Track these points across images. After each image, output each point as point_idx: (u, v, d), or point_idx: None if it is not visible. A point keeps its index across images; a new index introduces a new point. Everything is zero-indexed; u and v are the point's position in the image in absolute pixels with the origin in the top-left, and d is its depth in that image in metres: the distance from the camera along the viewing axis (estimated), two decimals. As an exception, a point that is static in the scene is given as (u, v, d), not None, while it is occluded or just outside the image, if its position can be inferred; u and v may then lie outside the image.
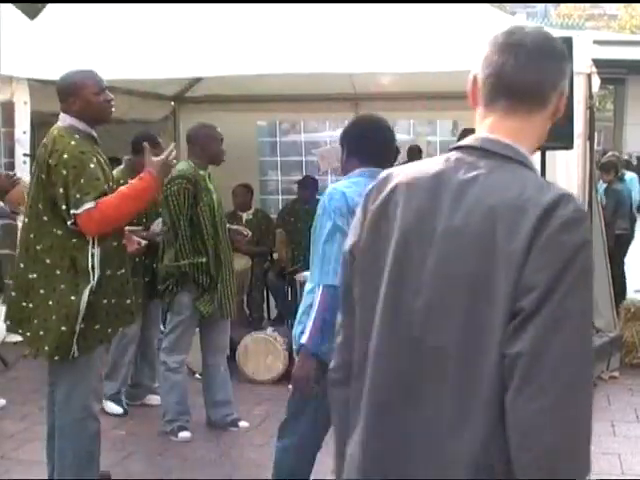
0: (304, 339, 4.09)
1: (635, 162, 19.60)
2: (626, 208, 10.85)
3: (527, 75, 2.17)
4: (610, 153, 13.91)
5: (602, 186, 11.65)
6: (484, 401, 1.96)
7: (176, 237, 6.48)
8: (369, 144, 4.41)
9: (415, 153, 11.81)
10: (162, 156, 5.03)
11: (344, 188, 4.24)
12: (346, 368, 2.33)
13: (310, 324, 4.07)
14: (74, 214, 4.63)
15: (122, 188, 4.99)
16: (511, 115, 2.21)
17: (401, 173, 2.27)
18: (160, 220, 6.81)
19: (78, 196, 4.63)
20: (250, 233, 7.35)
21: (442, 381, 2.03)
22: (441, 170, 2.17)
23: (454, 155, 2.21)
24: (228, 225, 7.19)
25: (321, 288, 4.07)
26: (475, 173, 2.11)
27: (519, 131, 2.20)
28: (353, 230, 2.37)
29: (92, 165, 4.72)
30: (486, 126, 2.24)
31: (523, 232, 1.94)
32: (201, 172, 6.57)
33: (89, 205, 4.63)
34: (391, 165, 4.46)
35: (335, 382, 2.43)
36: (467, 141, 2.23)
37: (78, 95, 4.85)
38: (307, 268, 8.88)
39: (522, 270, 1.92)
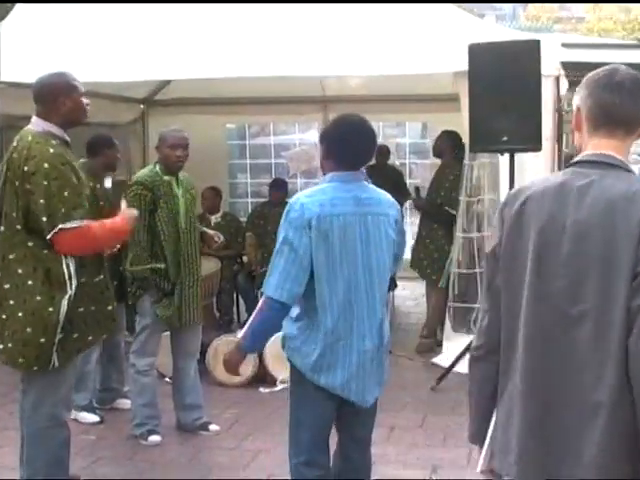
0: (240, 334, 4.35)
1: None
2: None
3: (627, 109, 2.85)
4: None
5: None
6: (615, 347, 2.61)
7: (133, 242, 6.47)
8: (347, 146, 4.34)
9: (384, 152, 11.83)
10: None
11: (305, 198, 4.20)
12: (488, 346, 3.00)
13: (248, 325, 4.28)
14: (61, 228, 4.53)
15: (106, 221, 4.97)
16: (611, 137, 2.87)
17: (530, 187, 2.96)
18: None
19: (64, 210, 4.54)
20: (222, 238, 7.31)
21: (584, 338, 2.68)
22: (563, 180, 2.86)
23: (570, 170, 2.91)
24: (204, 229, 7.17)
25: (264, 297, 4.18)
26: (590, 179, 2.78)
27: (617, 148, 2.86)
28: (496, 232, 3.03)
29: (74, 179, 4.64)
30: (592, 146, 2.90)
31: (636, 217, 2.63)
32: (166, 177, 6.54)
33: (77, 223, 4.56)
34: (362, 166, 4.49)
35: (477, 358, 3.09)
36: (579, 158, 2.92)
37: (67, 98, 4.76)
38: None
39: (638, 245, 2.62)
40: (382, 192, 4.55)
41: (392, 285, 9.38)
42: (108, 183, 7.12)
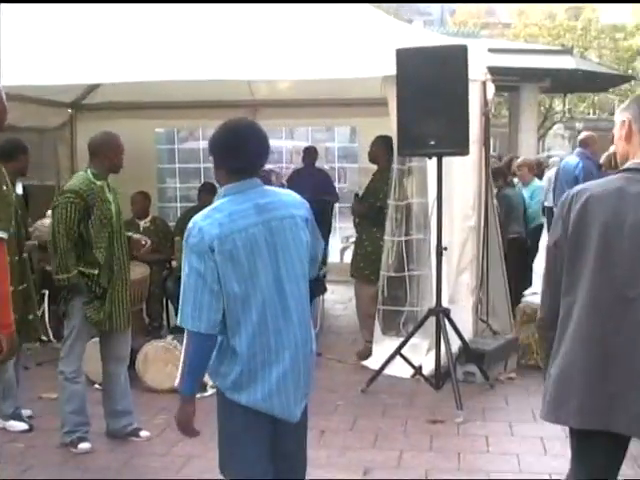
0: (177, 383, 4.05)
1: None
2: (518, 212, 11.04)
3: None
4: (522, 158, 14.19)
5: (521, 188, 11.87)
6: None
7: (56, 249, 6.40)
8: (237, 153, 4.12)
9: (311, 153, 11.89)
10: None
11: (202, 221, 3.97)
12: (551, 317, 3.74)
13: (180, 367, 4.01)
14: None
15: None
16: None
17: (588, 189, 3.63)
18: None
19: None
20: (149, 242, 7.26)
21: (636, 318, 3.45)
22: (620, 185, 3.55)
23: (623, 175, 3.61)
24: (130, 233, 7.12)
25: (186, 332, 3.96)
26: None
27: None
28: (555, 229, 3.71)
29: (4, 187, 4.52)
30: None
31: None
32: (98, 183, 6.48)
33: (2, 235, 4.32)
34: (257, 171, 4.22)
35: (544, 328, 3.88)
36: (631, 165, 3.60)
37: None
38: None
39: None
40: (285, 192, 4.39)
41: (322, 289, 9.40)
42: (19, 189, 7.04)
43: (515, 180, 12.41)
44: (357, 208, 9.62)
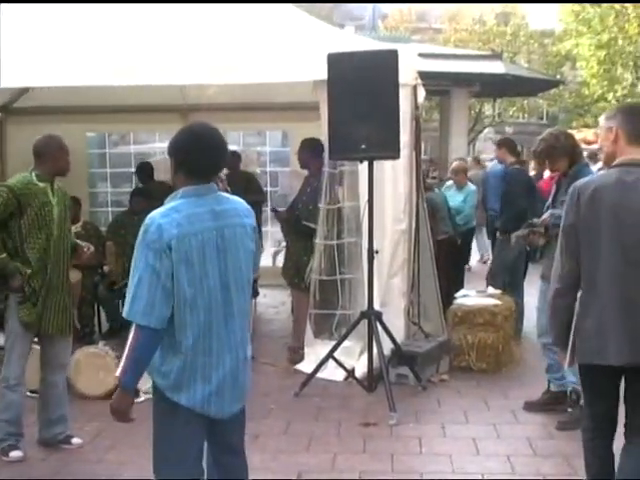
0: (119, 372, 4.08)
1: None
2: (443, 213, 11.12)
3: None
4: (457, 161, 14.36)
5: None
6: None
7: None
8: (197, 157, 4.19)
9: (235, 159, 11.90)
10: None
11: (161, 219, 4.02)
12: (568, 286, 4.72)
13: (124, 359, 4.04)
14: None
15: None
16: (638, 148, 4.65)
17: (593, 181, 4.72)
18: None
19: None
20: (92, 248, 7.16)
21: None
22: (618, 176, 4.59)
23: (616, 169, 4.64)
24: (77, 240, 7.04)
25: (134, 327, 4.00)
26: (637, 176, 4.55)
27: None
28: (571, 212, 4.66)
29: None
30: (629, 153, 4.64)
31: None
32: (41, 185, 6.43)
33: None
34: (215, 176, 4.44)
35: (561, 294, 4.77)
36: (622, 161, 4.63)
37: None
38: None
39: None
40: (238, 201, 4.47)
41: (254, 293, 9.39)
42: None
43: (449, 183, 12.52)
44: (278, 217, 9.69)
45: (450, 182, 13.19)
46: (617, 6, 31.60)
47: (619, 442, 4.93)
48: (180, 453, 4.21)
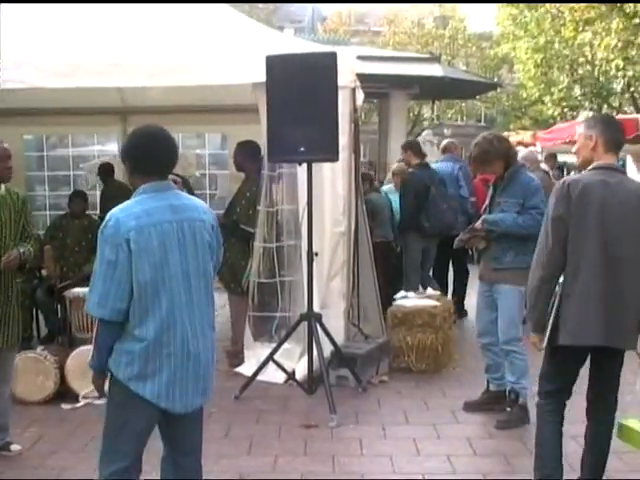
0: (89, 358, 4.33)
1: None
2: (383, 216, 11.21)
3: (622, 138, 5.48)
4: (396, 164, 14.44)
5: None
6: None
7: None
8: (150, 157, 4.38)
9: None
10: None
11: (120, 213, 4.21)
12: (552, 274, 5.20)
13: (92, 346, 4.28)
14: None
15: None
16: (616, 155, 5.40)
17: (581, 179, 5.18)
18: None
19: None
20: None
21: (625, 261, 5.09)
22: (601, 177, 5.15)
23: (601, 171, 5.20)
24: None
25: (97, 320, 4.22)
26: (618, 178, 5.23)
27: (616, 160, 5.43)
28: (561, 204, 5.12)
29: None
30: (606, 159, 5.27)
31: None
32: None
33: None
34: (169, 174, 4.54)
35: (545, 280, 5.22)
36: (600, 165, 5.24)
37: None
38: (77, 285, 8.67)
39: None
40: (195, 199, 4.65)
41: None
42: None
43: (390, 185, 12.58)
44: None
45: (390, 185, 13.28)
46: (553, 10, 31.94)
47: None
48: (134, 444, 4.34)
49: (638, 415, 5.68)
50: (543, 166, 13.13)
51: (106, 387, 4.39)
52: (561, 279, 5.22)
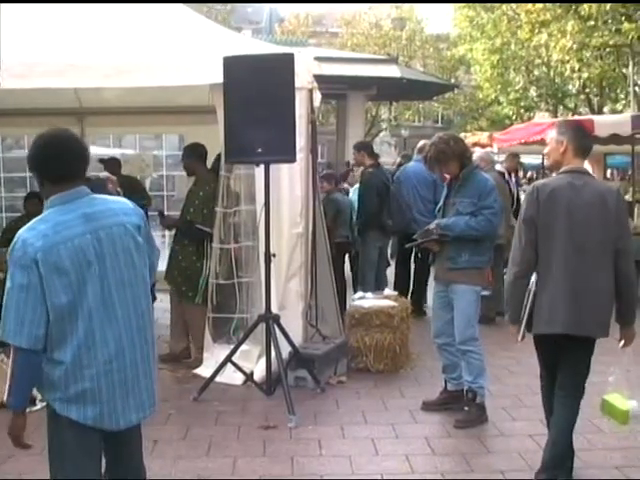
0: (5, 398, 3.93)
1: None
2: (345, 217, 11.25)
3: (589, 144, 5.96)
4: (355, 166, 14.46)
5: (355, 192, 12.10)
6: (608, 263, 5.57)
7: None
8: (54, 163, 4.04)
9: (116, 162, 11.86)
10: None
11: (26, 233, 3.90)
12: (526, 270, 5.69)
13: (8, 382, 3.91)
14: None
15: None
16: (584, 160, 5.86)
17: (549, 183, 5.72)
18: None
19: None
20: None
21: (592, 258, 5.55)
22: (569, 180, 5.61)
23: (569, 175, 5.65)
24: None
25: (12, 347, 3.86)
26: (584, 180, 5.65)
27: (584, 165, 5.89)
28: (531, 207, 5.64)
29: None
30: (575, 163, 5.73)
31: (613, 201, 5.58)
32: None
33: None
34: (81, 175, 4.15)
35: (520, 277, 5.72)
36: (569, 169, 5.68)
37: None
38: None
39: (615, 216, 5.59)
40: (115, 200, 4.32)
41: (151, 297, 9.31)
42: None
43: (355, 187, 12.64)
44: (162, 223, 9.66)
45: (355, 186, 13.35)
46: (510, 12, 32.20)
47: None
48: (76, 471, 4.06)
49: (619, 391, 6.17)
50: (499, 167, 13.21)
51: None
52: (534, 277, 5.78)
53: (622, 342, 5.85)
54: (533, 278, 5.75)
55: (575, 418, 5.84)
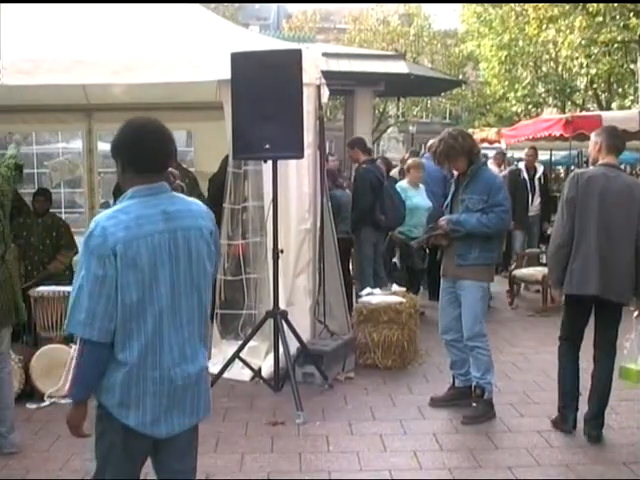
0: (67, 389, 3.87)
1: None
2: (347, 213, 11.24)
3: (620, 143, 7.09)
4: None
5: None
6: (631, 240, 6.70)
7: None
8: (143, 153, 3.91)
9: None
10: None
11: (106, 221, 3.72)
12: (566, 242, 6.72)
13: (72, 373, 3.82)
14: None
15: None
16: (615, 156, 6.96)
17: (587, 172, 6.94)
18: None
19: None
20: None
21: (617, 234, 6.69)
22: (603, 171, 6.79)
23: (603, 167, 6.81)
24: None
25: (79, 340, 3.74)
26: (616, 173, 6.88)
27: (616, 161, 7.01)
28: (572, 189, 6.75)
29: None
30: (608, 159, 6.85)
31: (638, 192, 6.76)
32: None
33: None
34: (166, 169, 4.07)
35: (562, 247, 6.75)
36: (604, 162, 6.84)
37: None
38: (42, 284, 8.59)
39: (639, 204, 6.75)
40: (194, 202, 4.14)
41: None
42: None
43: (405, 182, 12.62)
44: None
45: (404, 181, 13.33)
46: (517, 8, 32.12)
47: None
48: (116, 475, 3.94)
49: (633, 360, 6.95)
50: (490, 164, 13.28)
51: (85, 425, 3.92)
52: None
53: (636, 313, 6.92)
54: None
55: (612, 372, 6.90)
